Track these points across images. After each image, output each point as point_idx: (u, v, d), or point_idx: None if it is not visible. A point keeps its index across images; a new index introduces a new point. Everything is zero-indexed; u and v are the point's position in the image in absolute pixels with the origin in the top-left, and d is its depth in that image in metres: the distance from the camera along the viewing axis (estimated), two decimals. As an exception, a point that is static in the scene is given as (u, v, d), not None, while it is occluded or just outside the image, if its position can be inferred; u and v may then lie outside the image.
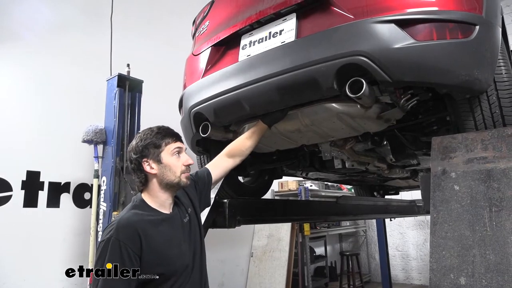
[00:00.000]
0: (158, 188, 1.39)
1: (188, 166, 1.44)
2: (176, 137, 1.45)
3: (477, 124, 1.44)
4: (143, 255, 1.25)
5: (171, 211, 1.43)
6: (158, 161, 1.38)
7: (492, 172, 1.15)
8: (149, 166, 1.38)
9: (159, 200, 1.40)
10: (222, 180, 1.92)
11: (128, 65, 3.26)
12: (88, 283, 2.70)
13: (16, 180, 3.18)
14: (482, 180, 1.15)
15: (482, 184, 1.14)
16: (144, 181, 1.40)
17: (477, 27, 1.32)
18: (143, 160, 1.38)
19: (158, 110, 3.48)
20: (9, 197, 3.12)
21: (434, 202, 1.20)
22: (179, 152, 1.43)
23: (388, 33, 1.33)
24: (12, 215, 3.10)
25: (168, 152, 1.40)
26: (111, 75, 3.27)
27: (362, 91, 1.36)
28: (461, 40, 1.31)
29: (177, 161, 1.42)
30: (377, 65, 1.33)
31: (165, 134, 1.43)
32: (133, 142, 1.43)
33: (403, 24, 1.33)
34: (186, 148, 1.50)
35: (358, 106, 1.59)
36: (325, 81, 1.44)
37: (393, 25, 1.33)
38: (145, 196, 1.40)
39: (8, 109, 3.24)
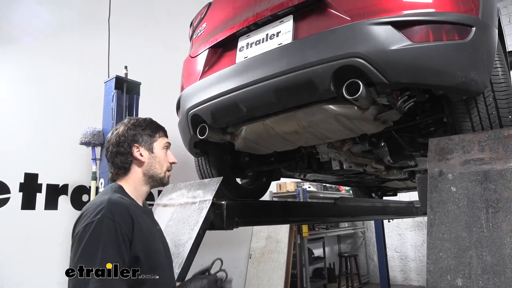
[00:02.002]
0: (141, 178, 1.32)
1: (171, 164, 1.40)
2: (166, 133, 1.43)
3: (474, 126, 1.45)
4: (132, 241, 1.11)
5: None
6: (150, 149, 1.33)
7: (488, 173, 1.15)
8: (139, 153, 1.31)
9: (137, 192, 1.31)
10: (219, 183, 1.94)
11: (125, 67, 3.24)
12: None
13: (14, 182, 3.16)
14: (479, 181, 1.15)
15: (478, 185, 1.15)
16: (128, 167, 1.31)
17: (474, 28, 1.33)
18: (134, 144, 1.31)
19: (156, 112, 3.42)
20: (7, 199, 3.10)
21: (431, 203, 1.20)
22: (167, 148, 1.41)
23: (384, 35, 1.34)
24: (10, 217, 3.07)
25: (160, 144, 1.37)
26: (108, 77, 3.27)
27: (359, 93, 1.37)
28: (457, 41, 1.31)
29: (165, 155, 1.38)
30: (373, 67, 1.34)
31: (157, 126, 1.40)
32: (121, 128, 1.34)
33: (399, 26, 1.33)
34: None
35: (355, 108, 1.59)
36: (322, 83, 1.45)
37: (389, 27, 1.34)
38: (123, 184, 1.31)
39: (6, 111, 3.23)
